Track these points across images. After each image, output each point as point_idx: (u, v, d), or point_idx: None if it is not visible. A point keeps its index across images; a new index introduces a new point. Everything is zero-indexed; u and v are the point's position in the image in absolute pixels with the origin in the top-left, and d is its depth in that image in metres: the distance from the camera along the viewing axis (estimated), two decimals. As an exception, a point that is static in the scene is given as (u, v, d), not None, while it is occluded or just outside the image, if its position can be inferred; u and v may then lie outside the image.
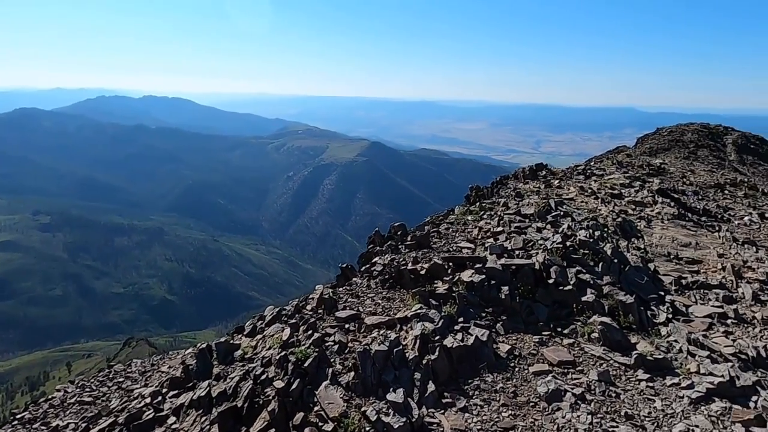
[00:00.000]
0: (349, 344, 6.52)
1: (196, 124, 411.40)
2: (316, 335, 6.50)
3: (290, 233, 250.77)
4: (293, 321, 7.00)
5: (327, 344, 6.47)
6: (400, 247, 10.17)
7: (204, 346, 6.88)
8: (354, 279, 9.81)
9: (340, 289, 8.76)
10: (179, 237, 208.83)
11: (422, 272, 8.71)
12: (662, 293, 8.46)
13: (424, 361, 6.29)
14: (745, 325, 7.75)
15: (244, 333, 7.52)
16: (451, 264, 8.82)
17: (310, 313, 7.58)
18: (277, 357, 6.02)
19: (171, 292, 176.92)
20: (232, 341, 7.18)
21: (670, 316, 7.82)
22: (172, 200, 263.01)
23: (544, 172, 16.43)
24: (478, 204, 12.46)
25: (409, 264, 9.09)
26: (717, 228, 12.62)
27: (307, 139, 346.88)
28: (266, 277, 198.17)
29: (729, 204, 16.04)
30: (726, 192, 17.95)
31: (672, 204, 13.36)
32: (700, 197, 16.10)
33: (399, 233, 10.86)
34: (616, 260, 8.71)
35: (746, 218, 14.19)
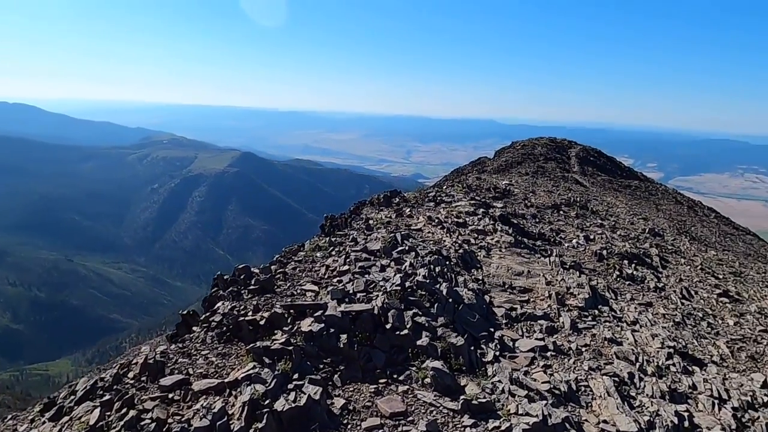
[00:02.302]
0: (169, 420, 6.07)
1: (43, 133, 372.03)
2: (132, 413, 5.97)
3: (156, 249, 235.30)
4: (108, 397, 6.37)
5: (143, 423, 5.95)
6: (242, 292, 9.79)
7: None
8: (194, 328, 9.29)
9: (172, 347, 8.20)
10: (26, 258, 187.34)
11: (262, 322, 8.43)
12: (492, 329, 8.94)
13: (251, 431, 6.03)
14: (562, 357, 8.41)
15: (49, 414, 6.71)
16: (292, 312, 8.64)
17: (132, 382, 6.98)
18: (81, 448, 5.43)
19: (16, 320, 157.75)
20: (30, 428, 6.36)
21: (497, 353, 8.27)
22: (17, 218, 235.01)
23: (397, 200, 16.84)
24: (327, 239, 12.41)
25: (250, 313, 8.77)
26: (549, 252, 13.70)
27: (174, 149, 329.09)
28: (130, 297, 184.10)
29: (562, 226, 17.57)
30: (561, 212, 19.69)
31: (510, 231, 14.29)
32: (537, 220, 17.46)
33: (242, 276, 10.47)
34: (450, 299, 9.07)
35: (574, 241, 15.62)
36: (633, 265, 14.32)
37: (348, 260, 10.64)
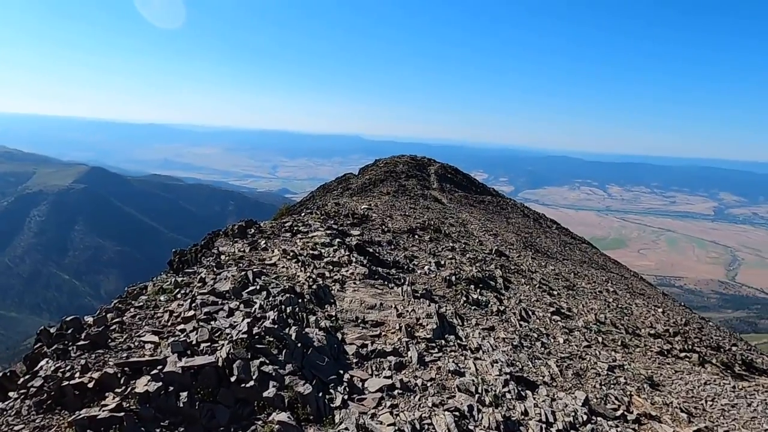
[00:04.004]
0: None
1: None
2: None
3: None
4: None
5: None
6: (70, 349, 8.87)
7: None
8: (11, 394, 8.23)
9: (-23, 424, 7.17)
10: None
11: (91, 385, 7.68)
12: (342, 371, 8.97)
13: None
14: (409, 395, 8.64)
15: None
16: (126, 370, 7.98)
17: None
18: None
19: None
20: None
21: (346, 397, 8.29)
22: None
23: (252, 230, 16.41)
24: (173, 280, 11.71)
25: (77, 374, 7.96)
26: (402, 281, 14.12)
27: (6, 164, 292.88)
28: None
29: (416, 252, 18.28)
30: (416, 237, 20.49)
31: (365, 261, 14.53)
32: (393, 247, 17.98)
33: (71, 330, 9.48)
34: (299, 344, 8.95)
35: (426, 267, 16.29)
36: (479, 290, 15.26)
37: (194, 304, 10.10)
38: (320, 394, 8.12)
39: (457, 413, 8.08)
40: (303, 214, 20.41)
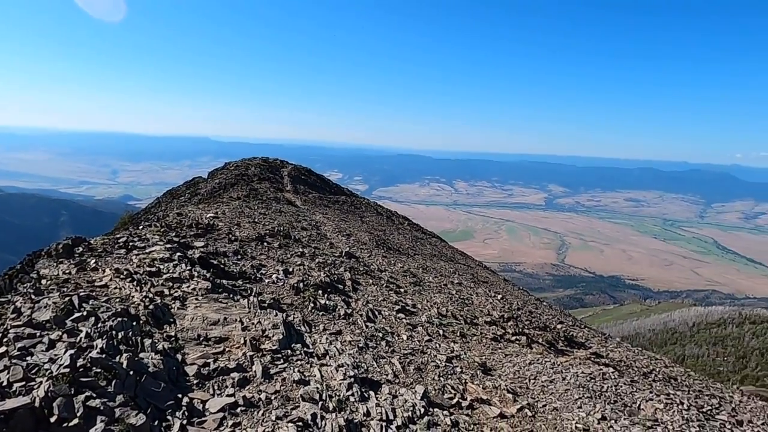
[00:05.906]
0: None
1: None
2: None
3: None
4: None
5: None
6: None
7: None
8: None
9: None
10: None
11: None
12: (181, 395, 8.63)
13: None
14: (252, 411, 8.56)
15: None
16: None
17: None
18: None
19: None
20: None
21: (185, 421, 8.00)
22: None
23: (81, 249, 15.06)
24: (-19, 312, 10.38)
25: None
26: (249, 293, 13.89)
27: None
28: None
29: (264, 260, 18.06)
30: (265, 244, 20.23)
31: (208, 275, 14.06)
32: (240, 257, 17.59)
33: None
34: (132, 372, 8.44)
35: (274, 276, 16.19)
36: (327, 295, 15.51)
37: (6, 339, 9.05)
38: (156, 423, 7.75)
39: (300, 423, 8.18)
40: (141, 227, 19.13)
